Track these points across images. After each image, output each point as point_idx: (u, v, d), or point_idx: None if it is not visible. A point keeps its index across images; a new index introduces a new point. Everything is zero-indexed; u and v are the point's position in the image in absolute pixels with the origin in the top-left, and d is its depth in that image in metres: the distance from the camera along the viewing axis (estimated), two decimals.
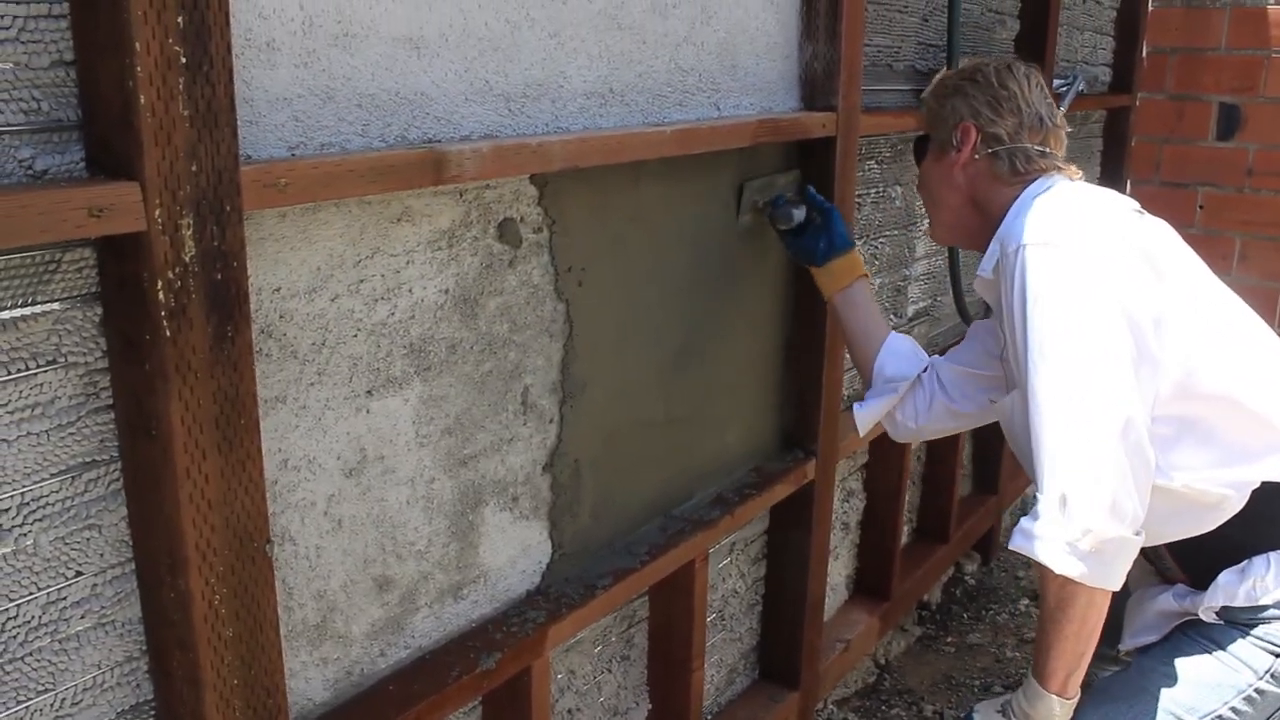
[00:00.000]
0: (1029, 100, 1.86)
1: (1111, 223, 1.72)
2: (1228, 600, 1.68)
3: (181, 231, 1.09)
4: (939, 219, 1.98)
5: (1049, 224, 1.68)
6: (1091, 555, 1.56)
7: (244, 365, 1.18)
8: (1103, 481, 1.56)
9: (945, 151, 1.90)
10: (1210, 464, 1.65)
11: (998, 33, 3.33)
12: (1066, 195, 1.78)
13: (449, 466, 1.60)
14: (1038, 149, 1.85)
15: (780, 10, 2.16)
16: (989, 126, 1.84)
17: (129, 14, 1.01)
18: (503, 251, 1.62)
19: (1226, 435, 1.66)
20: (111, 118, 1.05)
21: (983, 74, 1.88)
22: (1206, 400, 1.65)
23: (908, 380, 2.05)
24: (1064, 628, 1.62)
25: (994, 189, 1.86)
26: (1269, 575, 1.66)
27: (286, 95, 1.26)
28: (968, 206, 1.90)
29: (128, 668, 1.23)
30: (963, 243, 2.01)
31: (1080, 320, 1.59)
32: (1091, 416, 1.57)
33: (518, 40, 1.56)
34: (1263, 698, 1.66)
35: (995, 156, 1.85)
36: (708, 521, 2.13)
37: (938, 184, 1.93)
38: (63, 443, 1.12)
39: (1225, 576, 1.69)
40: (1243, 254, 4.63)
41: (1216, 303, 1.73)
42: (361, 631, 1.52)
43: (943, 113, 1.91)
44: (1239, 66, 4.56)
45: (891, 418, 2.10)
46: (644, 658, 2.22)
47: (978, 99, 1.86)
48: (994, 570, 3.99)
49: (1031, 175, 1.83)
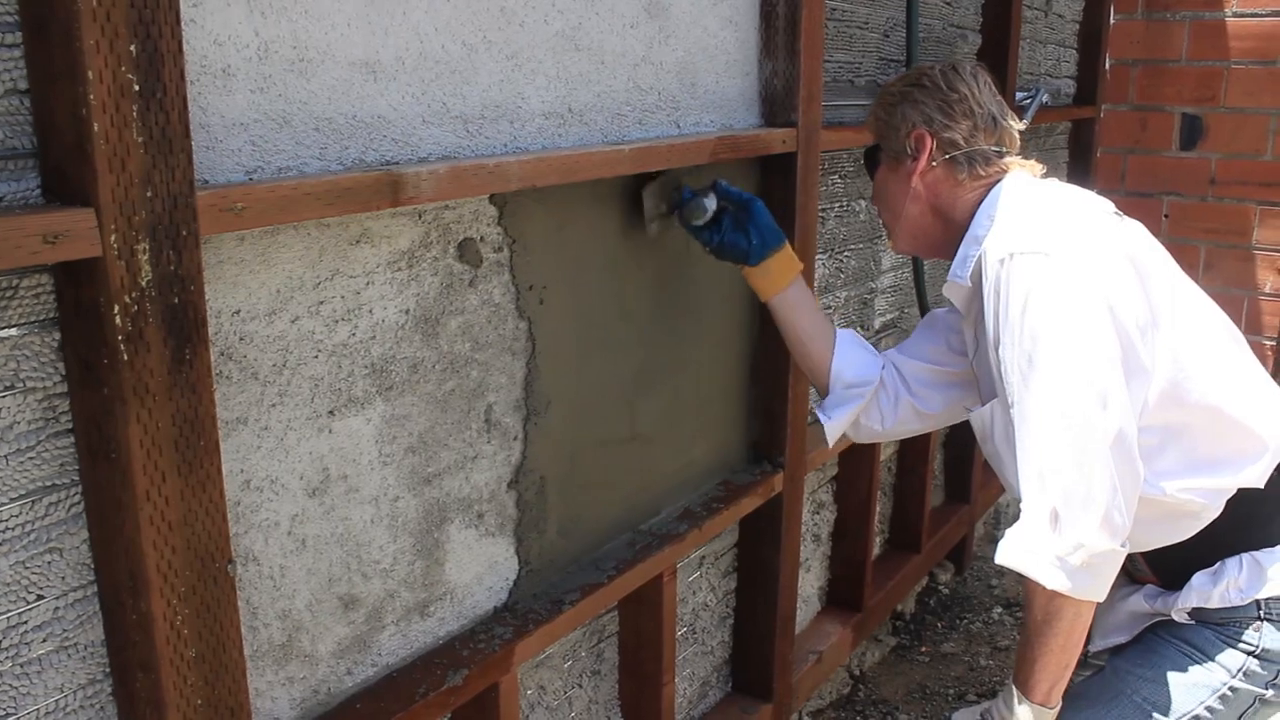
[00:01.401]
0: (980, 101, 1.82)
1: (1097, 228, 1.68)
2: (1201, 602, 1.69)
3: (138, 256, 1.10)
4: (900, 229, 1.91)
5: (1038, 231, 1.65)
6: (1081, 569, 1.55)
7: (203, 388, 1.19)
8: (1095, 496, 1.54)
9: (900, 161, 1.86)
10: (1194, 473, 1.65)
11: (959, 47, 3.38)
12: (1046, 197, 1.75)
13: (413, 485, 1.62)
14: (994, 149, 1.82)
15: (739, 28, 2.19)
16: (943, 132, 1.80)
17: (81, 43, 1.02)
18: (463, 271, 1.64)
19: (1209, 443, 1.66)
20: (66, 145, 1.07)
21: (929, 78, 1.84)
22: (1191, 409, 1.64)
23: (872, 385, 1.99)
24: (1050, 640, 1.62)
25: (955, 194, 1.82)
26: (1242, 576, 1.67)
27: (243, 120, 1.28)
28: (929, 214, 1.86)
29: (91, 690, 1.24)
30: (926, 252, 1.94)
31: (1074, 331, 1.56)
32: (1085, 429, 1.54)
33: (475, 63, 1.58)
34: (1236, 695, 1.69)
35: (953, 161, 1.80)
36: (675, 535, 2.14)
37: (895, 194, 1.88)
38: (22, 467, 1.13)
39: (1199, 579, 1.70)
40: (1208, 262, 4.70)
41: (1194, 306, 1.72)
42: (328, 650, 1.53)
43: (893, 121, 1.86)
44: (1199, 78, 4.63)
45: (855, 423, 2.04)
46: (615, 672, 2.23)
47: (928, 104, 1.81)
48: (968, 579, 4.02)
49: (992, 177, 1.81)
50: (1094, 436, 1.54)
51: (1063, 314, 1.56)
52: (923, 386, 2.00)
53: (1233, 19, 4.49)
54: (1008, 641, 3.58)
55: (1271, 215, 4.56)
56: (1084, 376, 1.54)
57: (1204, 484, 1.65)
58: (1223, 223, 4.66)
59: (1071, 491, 1.55)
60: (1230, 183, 4.63)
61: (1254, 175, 4.57)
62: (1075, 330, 1.55)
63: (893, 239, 1.96)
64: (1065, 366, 1.55)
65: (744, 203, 1.98)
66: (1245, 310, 4.65)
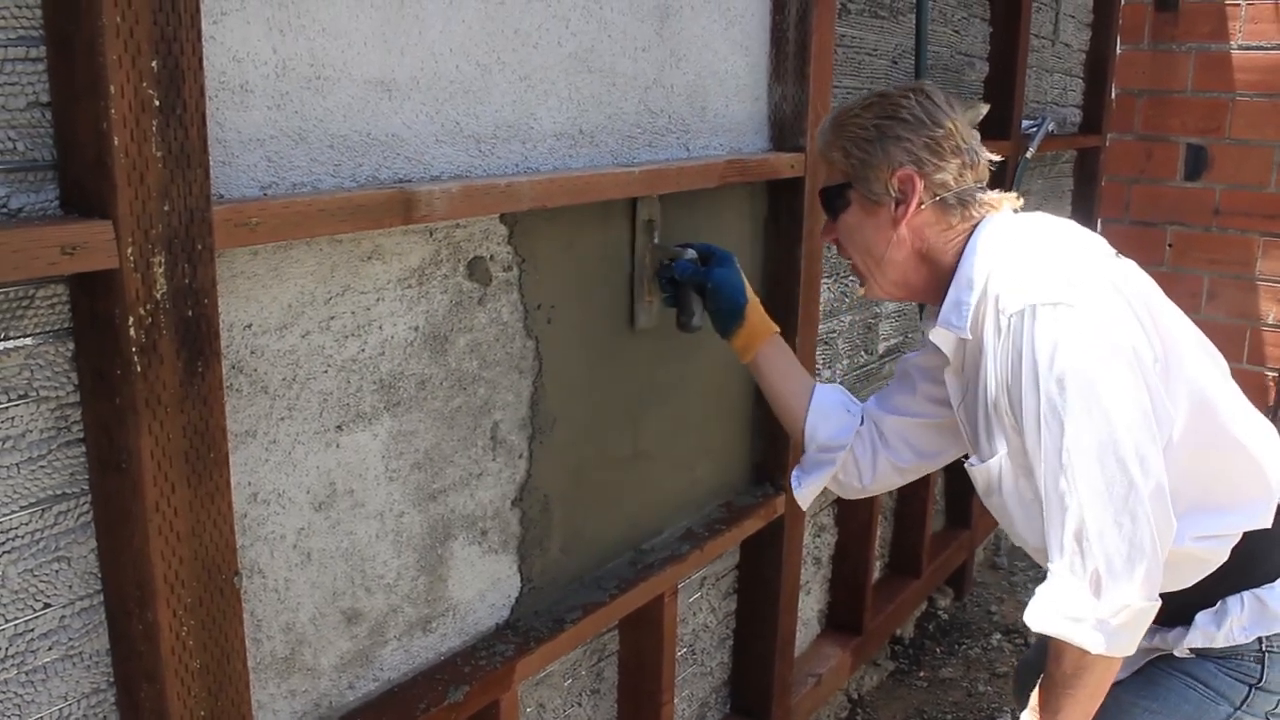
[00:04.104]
0: (964, 136, 1.66)
1: (1108, 274, 1.59)
2: (1207, 642, 1.67)
3: (153, 269, 1.11)
4: (882, 277, 1.73)
5: (1055, 279, 1.54)
6: (1120, 629, 1.51)
7: (214, 400, 1.20)
8: (1136, 556, 1.48)
9: (879, 204, 1.67)
10: (1210, 521, 1.62)
11: (967, 75, 3.40)
12: (1047, 239, 1.65)
13: (418, 501, 1.62)
14: (978, 186, 1.69)
15: (749, 53, 2.21)
16: (935, 174, 1.64)
17: (104, 58, 1.04)
18: (472, 289, 1.65)
19: (1226, 489, 1.63)
20: (86, 158, 1.08)
21: (908, 110, 1.65)
22: (1209, 455, 1.61)
23: (844, 449, 1.90)
24: (1079, 692, 1.58)
25: (942, 238, 1.67)
26: (1245, 614, 1.66)
27: (260, 136, 1.29)
28: (914, 259, 1.69)
29: (95, 699, 1.24)
30: (908, 298, 1.78)
31: (1108, 386, 1.48)
32: (1126, 488, 1.47)
33: (488, 83, 1.59)
34: None
35: (943, 203, 1.65)
36: (677, 556, 2.15)
37: (874, 240, 1.69)
38: (33, 476, 1.14)
39: (1202, 618, 1.68)
40: (1211, 292, 4.72)
41: (1195, 347, 1.68)
42: (330, 664, 1.53)
43: (871, 160, 1.65)
44: (1205, 109, 4.66)
45: (836, 481, 1.94)
46: (614, 691, 2.23)
47: (913, 142, 1.63)
48: (967, 605, 4.01)
49: (981, 217, 1.68)
50: (1135, 494, 1.47)
51: (1094, 368, 1.48)
52: (902, 441, 1.91)
53: (1238, 51, 4.52)
54: (1006, 668, 3.57)
55: (1275, 246, 4.58)
56: (1121, 433, 1.47)
57: (1218, 531, 1.63)
58: (1226, 253, 4.68)
59: (1113, 553, 1.49)
60: (1234, 214, 4.65)
61: (1258, 207, 4.59)
62: (1108, 385, 1.48)
63: (868, 286, 1.77)
64: (1102, 424, 1.48)
65: (701, 283, 1.92)
66: (1248, 341, 4.66)
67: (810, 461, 1.95)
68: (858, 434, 1.91)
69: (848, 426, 1.92)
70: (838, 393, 1.97)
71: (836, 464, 1.91)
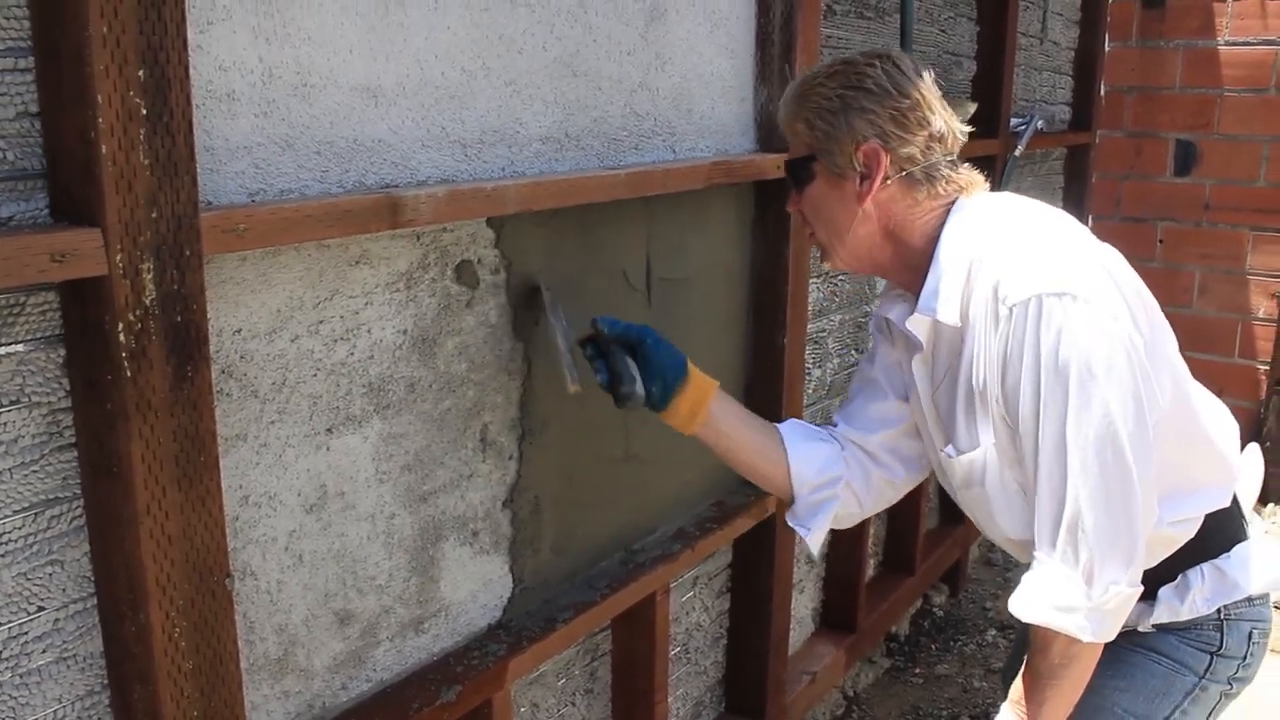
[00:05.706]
0: (932, 106, 1.60)
1: (1102, 261, 1.59)
2: (1171, 616, 1.70)
3: (142, 276, 1.13)
4: (845, 248, 1.67)
5: (1055, 268, 1.52)
6: (1107, 616, 1.53)
7: (203, 404, 1.22)
8: (1124, 543, 1.51)
9: (844, 178, 1.61)
10: (1185, 504, 1.65)
11: (954, 74, 3.42)
12: (1035, 224, 1.63)
13: (409, 502, 1.64)
14: (947, 160, 1.63)
15: (735, 55, 2.23)
16: (901, 147, 1.58)
17: (91, 68, 1.05)
18: (460, 292, 1.67)
19: (1193, 474, 1.66)
20: (74, 167, 1.10)
21: (873, 80, 1.58)
22: (1180, 440, 1.62)
23: (841, 479, 1.81)
24: (1064, 683, 1.60)
25: (911, 215, 1.63)
26: (1205, 585, 1.69)
27: (247, 144, 1.31)
28: (879, 236, 1.65)
29: (89, 701, 1.26)
30: (869, 271, 1.74)
31: (1108, 378, 1.48)
32: (1120, 477, 1.49)
33: (474, 88, 1.61)
34: (1205, 694, 1.72)
35: (910, 178, 1.60)
36: (669, 555, 2.17)
37: (838, 215, 1.65)
38: (26, 480, 1.16)
39: (1165, 593, 1.70)
40: (1202, 286, 4.74)
41: (1170, 335, 1.68)
42: (323, 665, 1.55)
43: (834, 133, 1.59)
44: (1193, 105, 4.68)
45: (835, 515, 1.84)
46: (608, 691, 2.25)
47: (878, 114, 1.57)
48: (962, 602, 4.03)
49: (951, 195, 1.63)
50: (1130, 485, 1.49)
51: (1097, 360, 1.48)
52: (891, 455, 1.84)
53: (1225, 47, 4.55)
54: (1001, 664, 3.59)
55: (1265, 241, 4.60)
56: (1120, 425, 1.48)
57: (1191, 514, 1.66)
58: (1217, 248, 4.71)
59: (1107, 543, 1.50)
60: (1224, 208, 4.68)
61: (1248, 201, 4.62)
62: (1110, 377, 1.48)
63: (830, 258, 1.72)
64: (1102, 416, 1.48)
65: (633, 341, 1.74)
66: (1239, 335, 4.68)
67: (807, 506, 1.83)
68: (845, 460, 1.82)
69: (833, 455, 1.82)
70: (801, 426, 1.88)
71: (839, 498, 1.81)
